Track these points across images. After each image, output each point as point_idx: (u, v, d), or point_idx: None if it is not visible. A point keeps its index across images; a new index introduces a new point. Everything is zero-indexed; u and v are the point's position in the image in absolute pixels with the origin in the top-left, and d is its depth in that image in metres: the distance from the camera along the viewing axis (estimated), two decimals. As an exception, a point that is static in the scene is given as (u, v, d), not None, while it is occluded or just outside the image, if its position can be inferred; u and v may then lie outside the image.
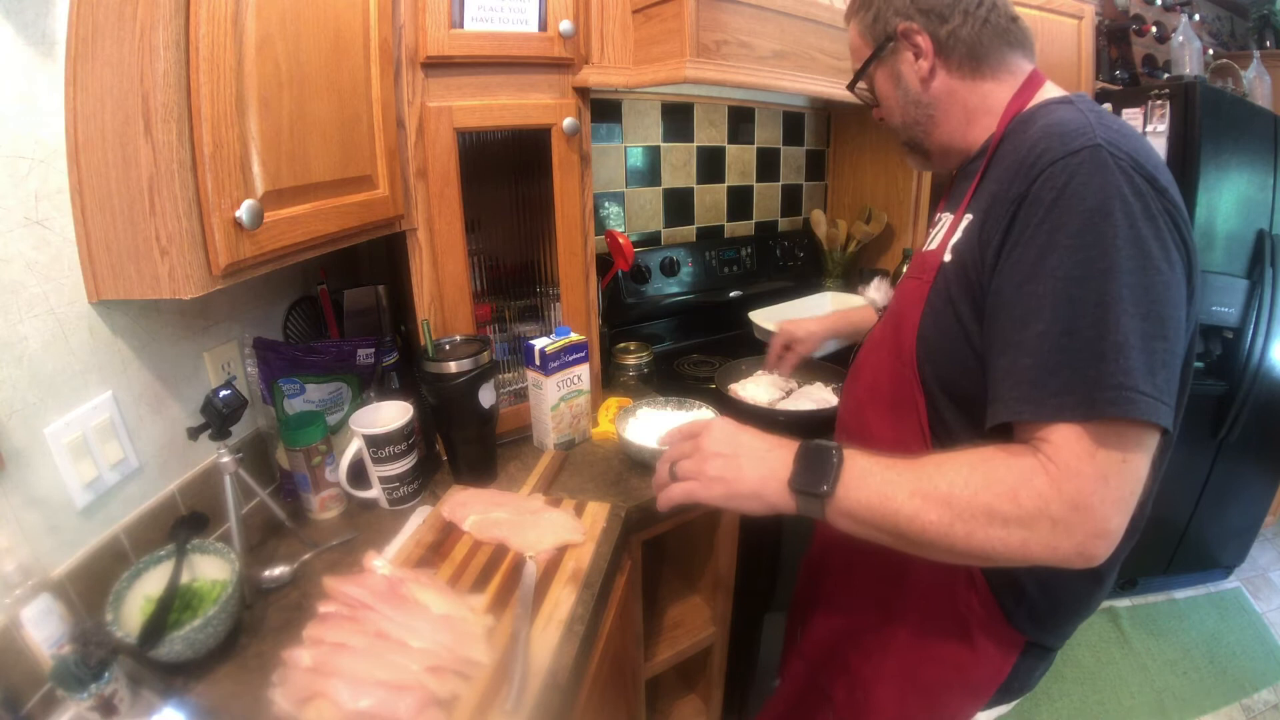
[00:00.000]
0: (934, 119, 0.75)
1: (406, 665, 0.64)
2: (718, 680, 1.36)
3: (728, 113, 1.78)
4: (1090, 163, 0.56)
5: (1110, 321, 0.53)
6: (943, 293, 0.67)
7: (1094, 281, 0.54)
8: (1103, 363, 0.52)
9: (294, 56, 0.74)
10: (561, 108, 1.05)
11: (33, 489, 0.68)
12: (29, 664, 0.62)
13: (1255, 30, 2.74)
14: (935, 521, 0.56)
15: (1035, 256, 0.57)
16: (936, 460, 0.59)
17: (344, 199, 0.85)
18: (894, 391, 0.74)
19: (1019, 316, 0.57)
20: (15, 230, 0.66)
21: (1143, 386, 0.52)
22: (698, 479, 0.66)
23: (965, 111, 0.73)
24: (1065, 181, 0.56)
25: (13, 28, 0.64)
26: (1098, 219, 0.54)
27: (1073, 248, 0.55)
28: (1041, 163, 0.58)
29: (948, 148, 0.77)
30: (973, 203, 0.67)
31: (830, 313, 1.32)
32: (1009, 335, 0.58)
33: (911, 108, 0.76)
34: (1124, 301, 0.53)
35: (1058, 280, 0.55)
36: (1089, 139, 0.57)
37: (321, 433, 0.94)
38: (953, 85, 0.73)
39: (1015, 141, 0.64)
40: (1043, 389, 0.55)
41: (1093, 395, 0.53)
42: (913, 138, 0.79)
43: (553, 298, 1.19)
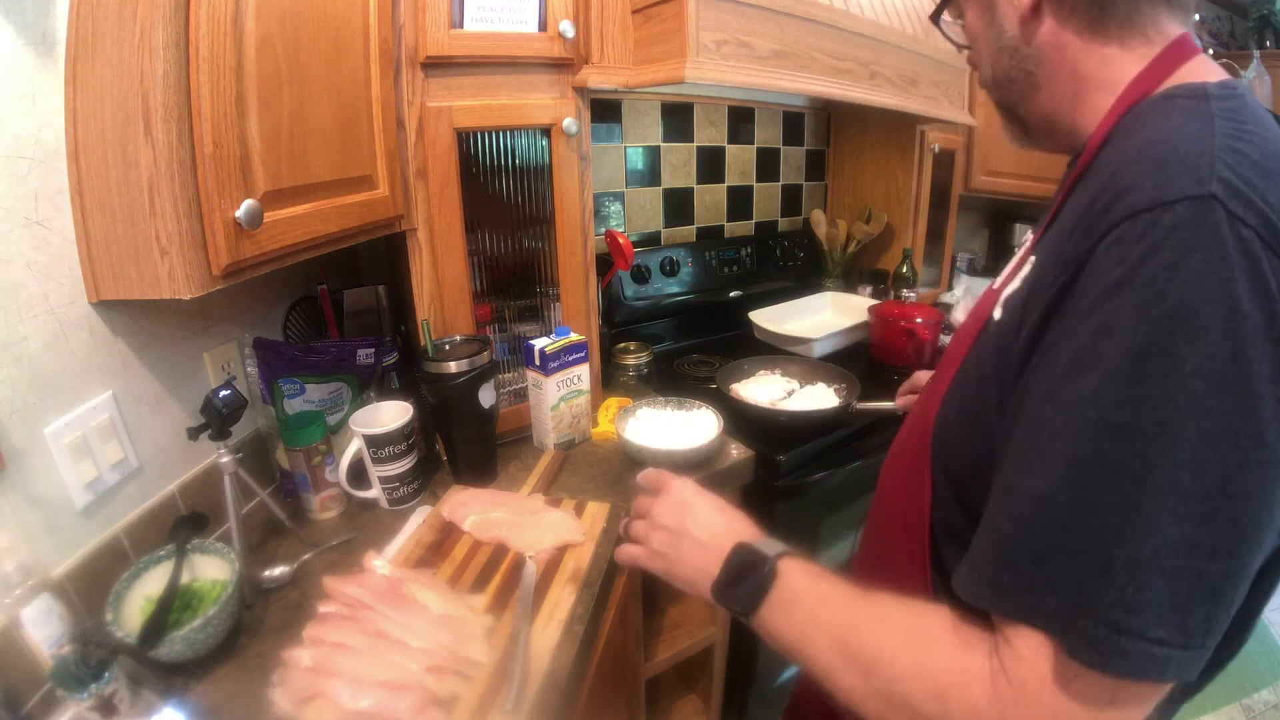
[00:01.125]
0: (1034, 79, 0.54)
1: (406, 665, 0.64)
2: (718, 680, 1.36)
3: (728, 113, 1.78)
4: (1195, 224, 0.35)
5: (1143, 516, 0.35)
6: (980, 361, 0.50)
7: (1140, 441, 0.35)
8: (1107, 578, 0.35)
9: (294, 57, 0.74)
10: (561, 108, 1.05)
11: (33, 489, 0.68)
12: (29, 664, 0.62)
13: (1255, 30, 2.74)
14: (847, 688, 0.46)
15: (1070, 367, 0.38)
16: (881, 611, 0.48)
17: (344, 199, 0.85)
18: (909, 462, 0.59)
19: (1024, 452, 0.41)
20: (15, 230, 0.66)
21: (1153, 631, 0.35)
22: (644, 546, 0.63)
23: (1075, 79, 0.51)
24: (1144, 253, 0.36)
25: (13, 28, 0.64)
26: (1178, 332, 0.34)
27: (1126, 375, 0.35)
28: (1116, 211, 0.38)
29: (1052, 123, 0.55)
30: (1045, 238, 0.48)
31: None
32: (1008, 473, 0.42)
33: (1005, 57, 0.55)
34: (1177, 487, 0.34)
35: (1089, 419, 0.37)
36: (1200, 181, 0.36)
37: (321, 433, 0.94)
38: (1064, 39, 0.50)
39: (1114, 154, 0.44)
40: (1017, 577, 0.39)
41: (1077, 620, 0.36)
42: (1006, 99, 0.58)
43: (553, 298, 1.19)
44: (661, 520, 0.62)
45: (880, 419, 1.34)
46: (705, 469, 1.09)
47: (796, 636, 0.50)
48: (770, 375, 1.43)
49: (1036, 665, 0.38)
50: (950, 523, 0.53)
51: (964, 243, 2.47)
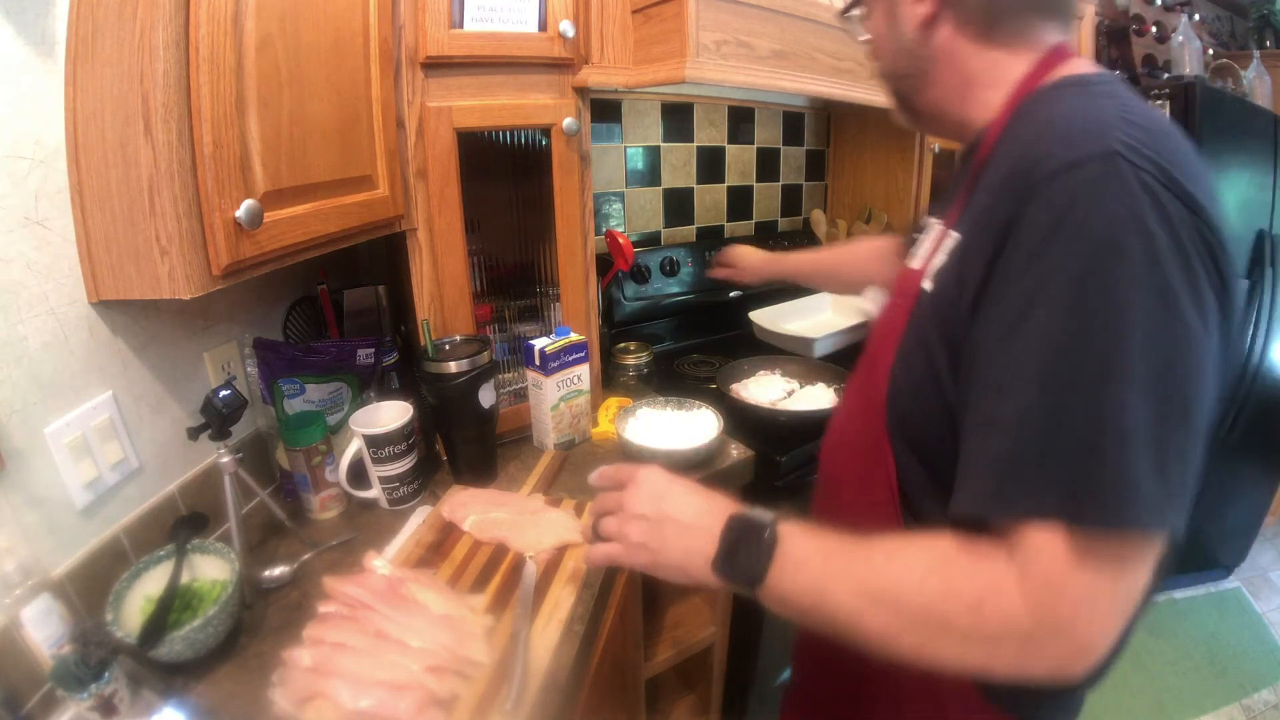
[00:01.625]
0: (927, 76, 0.61)
1: (406, 665, 0.64)
2: (718, 680, 1.36)
3: (728, 113, 1.78)
4: (1103, 178, 0.43)
5: (1114, 400, 0.41)
6: (919, 329, 0.56)
7: (1097, 344, 0.42)
8: (1097, 454, 0.41)
9: (294, 57, 0.74)
10: (561, 108, 1.05)
11: (33, 489, 0.68)
12: (29, 664, 0.62)
13: (1255, 30, 2.74)
14: (879, 629, 0.47)
15: (1022, 305, 0.44)
16: (889, 550, 0.49)
17: (344, 199, 0.85)
18: (862, 439, 0.63)
19: (998, 383, 0.46)
20: (15, 230, 0.66)
21: (1146, 485, 0.41)
22: (620, 541, 0.59)
23: (963, 78, 0.59)
24: (1067, 204, 0.43)
25: (13, 28, 0.64)
26: (1108, 258, 0.42)
27: (1071, 297, 0.42)
28: (1037, 175, 0.45)
29: (940, 113, 0.63)
30: (963, 215, 0.55)
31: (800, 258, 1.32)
32: (984, 407, 0.47)
33: (903, 56, 0.62)
34: (1134, 373, 0.41)
35: (1049, 340, 0.43)
36: (1104, 143, 0.44)
37: (321, 433, 0.94)
38: (955, 43, 0.58)
39: (1020, 134, 0.52)
40: (1018, 482, 0.44)
41: (1080, 495, 0.42)
42: (901, 90, 0.66)
43: (553, 298, 1.19)
44: (637, 510, 0.59)
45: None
46: (705, 469, 1.09)
47: (813, 593, 0.50)
48: (770, 375, 1.43)
49: (1052, 553, 0.42)
50: (916, 483, 0.58)
51: (964, 243, 2.47)
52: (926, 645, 0.46)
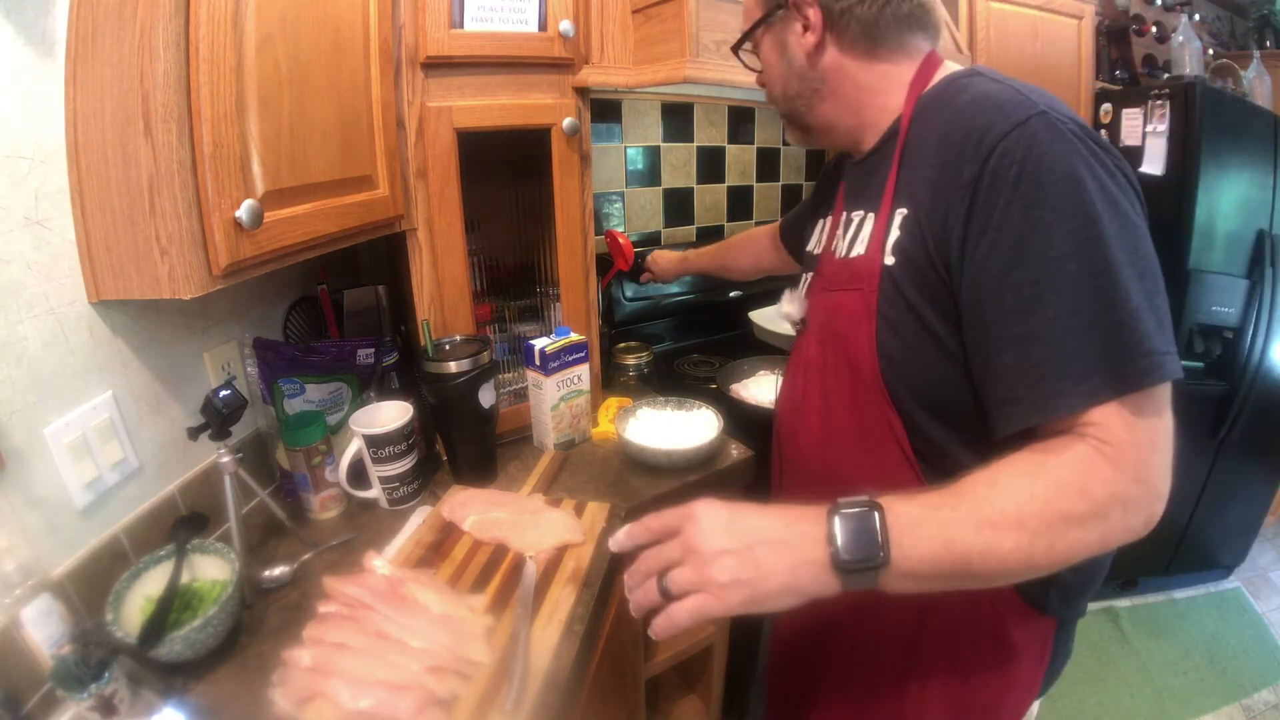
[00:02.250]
0: (819, 94, 0.70)
1: (406, 665, 0.64)
2: (718, 680, 1.36)
3: (728, 113, 1.78)
4: (1045, 130, 0.53)
5: (1117, 289, 0.51)
6: (897, 300, 0.62)
7: (1088, 252, 0.51)
8: (1123, 333, 0.51)
9: (294, 57, 0.74)
10: (561, 108, 1.05)
11: (33, 489, 0.68)
12: (29, 664, 0.62)
13: (1255, 30, 2.74)
14: (1013, 549, 0.50)
15: (1014, 239, 0.53)
16: (985, 480, 0.52)
17: (344, 199, 0.85)
18: (860, 421, 0.68)
19: (1013, 308, 0.53)
20: (15, 230, 0.66)
21: (1160, 346, 0.51)
22: (705, 589, 0.51)
23: (856, 89, 0.69)
24: (1025, 153, 0.53)
25: (13, 28, 0.64)
26: (1072, 186, 0.52)
27: (1056, 221, 0.52)
28: (990, 138, 0.54)
29: (831, 125, 0.73)
30: (899, 195, 0.63)
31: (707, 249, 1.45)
32: (1007, 330, 0.54)
33: (795, 80, 0.71)
34: (1121, 265, 0.51)
35: (1050, 260, 0.52)
36: (1032, 107, 0.54)
37: (321, 433, 0.94)
38: (843, 63, 0.68)
39: (936, 121, 0.61)
40: (1069, 378, 0.51)
41: (1123, 370, 0.50)
42: (793, 110, 0.74)
43: (553, 298, 1.19)
44: (716, 546, 0.52)
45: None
46: (705, 469, 1.09)
47: (942, 545, 0.51)
48: (770, 375, 1.43)
49: (1117, 423, 0.51)
50: (930, 439, 0.64)
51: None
52: (1057, 544, 0.50)
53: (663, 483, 1.05)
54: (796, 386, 0.79)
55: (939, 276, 0.58)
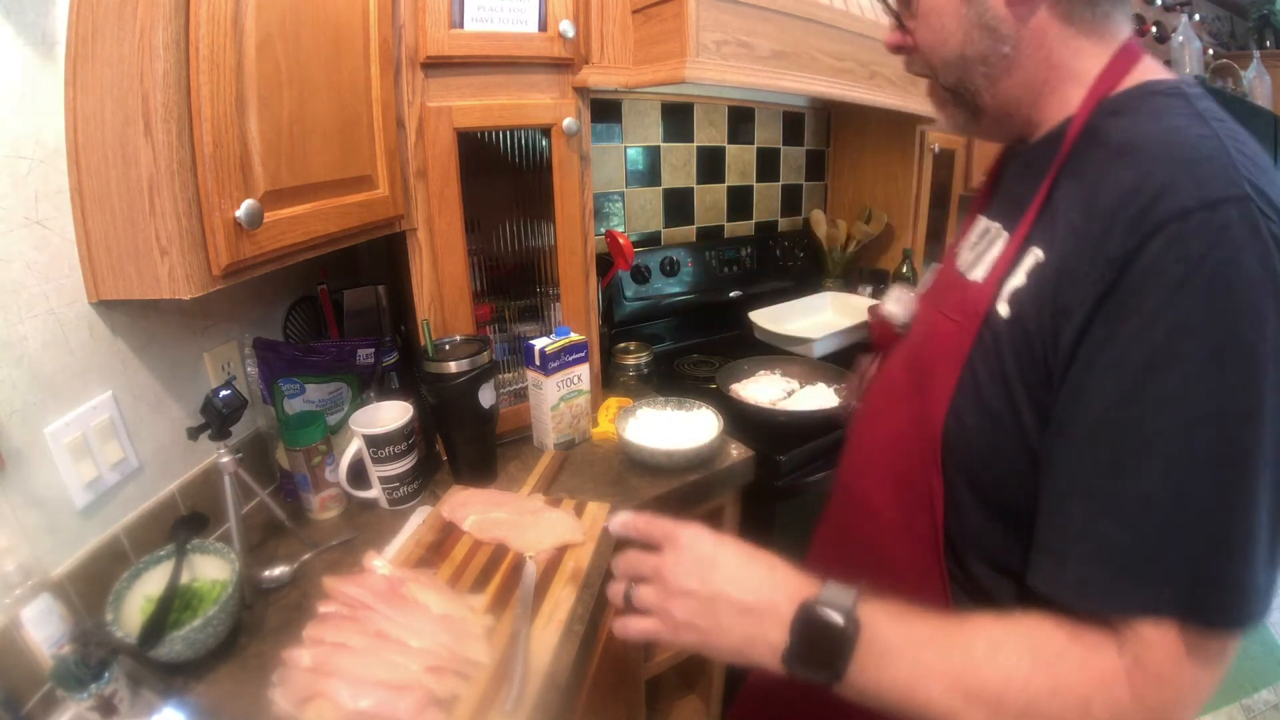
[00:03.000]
0: (1008, 62, 0.51)
1: (406, 665, 0.64)
2: (718, 680, 1.36)
3: (728, 113, 1.78)
4: (1240, 229, 0.38)
5: (1245, 495, 0.38)
6: (993, 360, 0.49)
7: (1231, 428, 0.38)
8: (1224, 553, 0.39)
9: (294, 56, 0.74)
10: (561, 108, 1.05)
11: (33, 489, 0.68)
12: (29, 664, 0.62)
13: (1255, 30, 2.74)
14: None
15: (1143, 366, 0.39)
16: (989, 638, 0.45)
17: (344, 199, 0.85)
18: (904, 467, 0.57)
19: (1107, 455, 0.41)
20: (15, 230, 0.66)
21: (1263, 586, 0.40)
22: (660, 616, 0.51)
23: (1048, 68, 0.51)
24: (1203, 254, 0.38)
25: (13, 28, 0.64)
26: (1247, 325, 0.37)
27: (1208, 369, 0.38)
28: (1161, 211, 0.39)
29: (1009, 112, 0.54)
30: (1040, 226, 0.49)
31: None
32: (1089, 476, 0.42)
33: (980, 36, 0.52)
34: (1264, 465, 0.38)
35: (1180, 414, 0.39)
36: (1236, 184, 0.39)
37: (321, 433, 0.94)
38: (1050, 25, 0.50)
39: (1108, 143, 0.46)
40: (1137, 578, 0.41)
41: (1201, 595, 0.39)
42: (966, 82, 0.54)
43: (553, 298, 1.19)
44: (682, 584, 0.50)
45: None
46: (705, 469, 1.09)
47: (902, 690, 0.45)
48: (770, 375, 1.43)
49: (1166, 647, 0.40)
50: (971, 529, 0.53)
51: (964, 243, 2.47)
52: None
53: (663, 483, 1.05)
54: (872, 398, 0.68)
55: (1045, 359, 0.45)
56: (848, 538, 0.68)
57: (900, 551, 0.58)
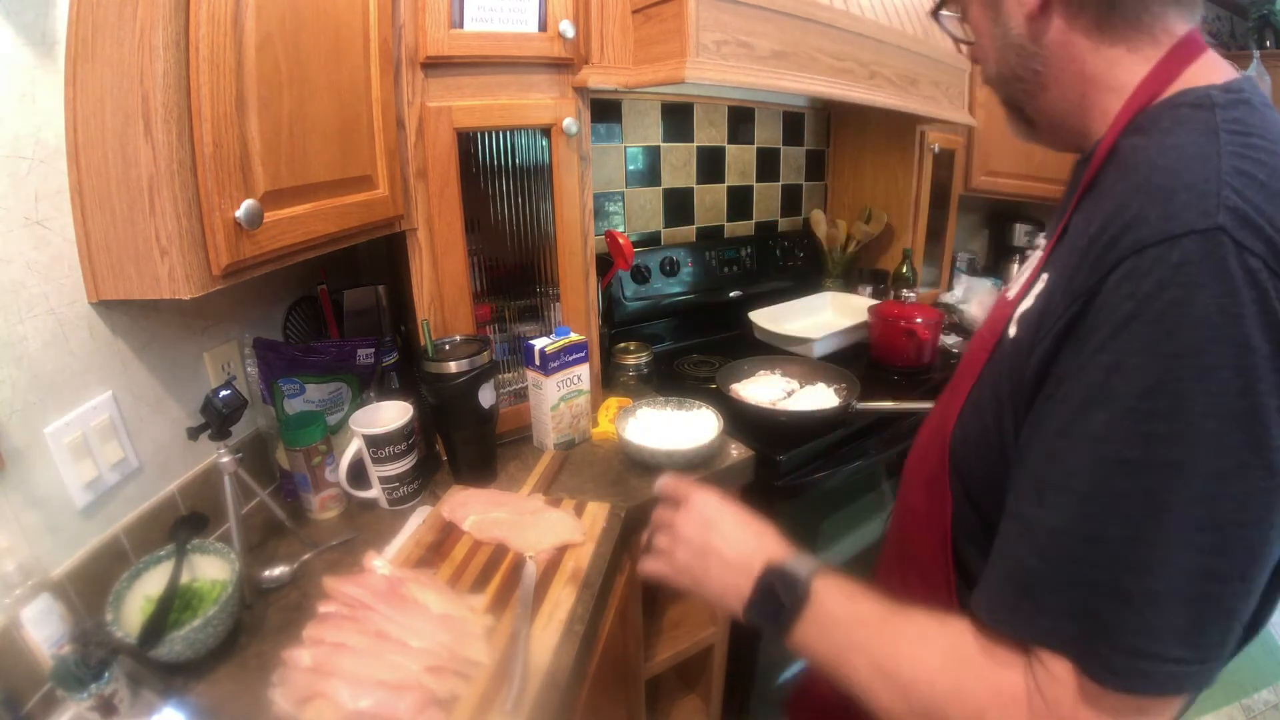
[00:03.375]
0: (1040, 78, 0.52)
1: (406, 665, 0.64)
2: (718, 680, 1.36)
3: (728, 113, 1.78)
4: (1199, 262, 0.35)
5: (1156, 550, 0.36)
6: (996, 379, 0.50)
7: (1153, 477, 0.36)
8: (1123, 606, 0.37)
9: (294, 57, 0.74)
10: (561, 108, 1.05)
11: (33, 489, 0.68)
12: (29, 664, 0.62)
13: (1255, 30, 2.74)
14: (887, 706, 0.47)
15: (1080, 403, 0.39)
16: (916, 632, 0.48)
17: (344, 199, 0.85)
18: (928, 473, 0.59)
19: (1039, 485, 0.42)
20: (15, 230, 0.66)
21: (1173, 652, 0.37)
22: (667, 562, 0.62)
23: (1082, 80, 0.50)
24: (1151, 291, 0.36)
25: (13, 28, 0.64)
26: (1187, 373, 0.35)
27: (1135, 413, 0.36)
28: (1125, 244, 0.38)
29: (1059, 123, 0.55)
30: (1058, 249, 0.49)
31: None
32: (1022, 504, 0.44)
33: (1010, 55, 0.54)
34: (1187, 524, 0.36)
35: (1100, 457, 0.38)
36: (1205, 212, 0.36)
37: (321, 433, 0.94)
38: (1072, 39, 0.49)
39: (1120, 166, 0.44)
40: (1036, 604, 0.41)
41: (1095, 645, 0.38)
42: (1013, 96, 0.57)
43: (553, 298, 1.19)
44: (685, 534, 0.61)
45: (880, 419, 1.34)
46: (705, 469, 1.09)
47: (833, 656, 0.50)
48: (770, 375, 1.43)
49: (1069, 683, 0.39)
50: (969, 528, 0.55)
51: (964, 243, 2.47)
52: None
53: (663, 483, 1.05)
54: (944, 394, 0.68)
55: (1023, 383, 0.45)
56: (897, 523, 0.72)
57: (923, 542, 0.61)
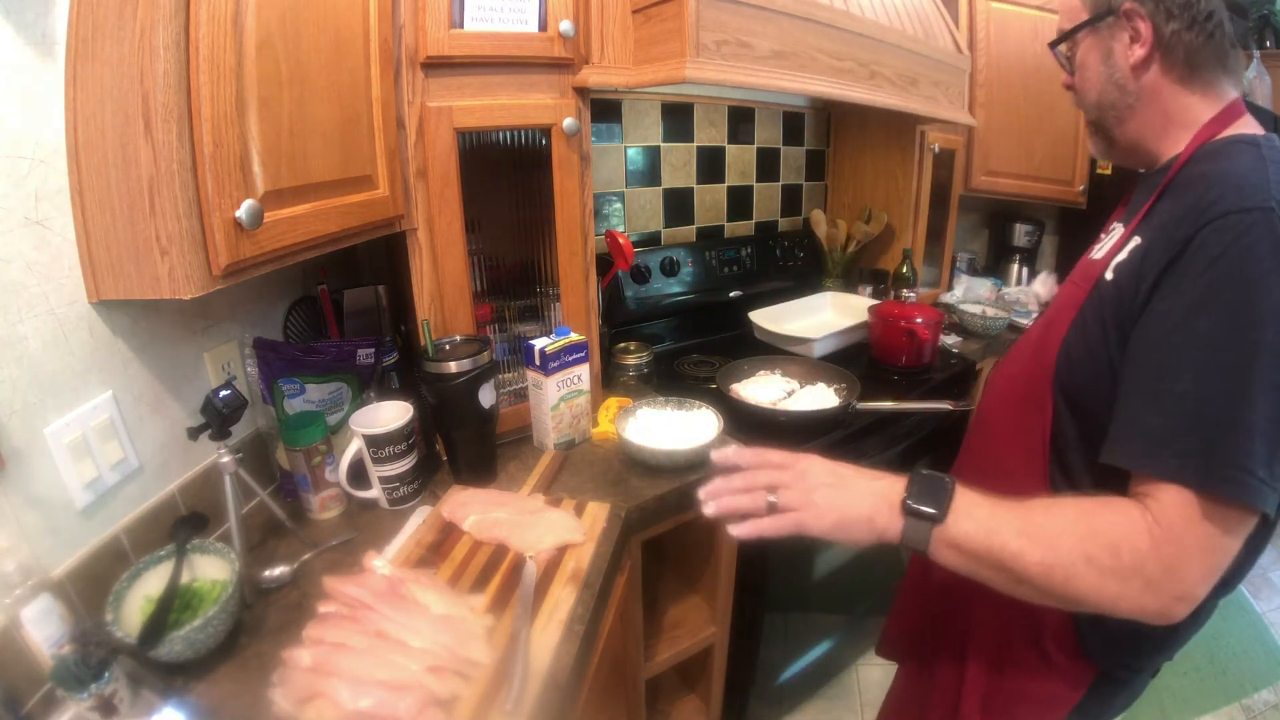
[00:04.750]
0: (1132, 110, 0.72)
1: (406, 665, 0.64)
2: (718, 680, 1.36)
3: (728, 113, 1.78)
4: (1261, 227, 0.55)
5: (1246, 400, 0.53)
6: (1096, 309, 0.68)
7: (1238, 354, 0.54)
8: (1229, 438, 0.54)
9: (294, 57, 0.74)
10: (561, 108, 1.05)
11: (33, 489, 0.68)
12: (29, 664, 0.62)
13: (1255, 30, 2.74)
14: (1037, 562, 0.58)
15: (1185, 310, 0.57)
16: (1045, 504, 0.61)
17: (344, 199, 0.85)
18: (1026, 392, 0.76)
19: (1158, 366, 0.58)
20: (15, 230, 0.66)
21: (1260, 472, 0.53)
22: (804, 509, 0.65)
23: (1164, 116, 0.71)
24: (1231, 240, 0.56)
25: (13, 28, 0.64)
26: (1255, 291, 0.54)
27: (1225, 314, 0.55)
28: (1213, 211, 0.58)
29: (1136, 145, 0.75)
30: (1143, 224, 0.67)
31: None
32: (1144, 382, 0.60)
33: (1112, 90, 0.73)
34: (1264, 382, 0.53)
35: (1203, 343, 0.56)
36: (1264, 199, 0.56)
37: (321, 433, 0.94)
38: (1161, 85, 0.70)
39: (1197, 172, 0.64)
40: (1165, 447, 0.56)
41: (1211, 467, 0.54)
42: (1103, 120, 0.76)
43: (553, 298, 1.19)
44: (822, 479, 0.67)
45: (880, 419, 1.34)
46: (705, 469, 1.09)
47: (984, 533, 0.60)
48: (770, 375, 1.43)
49: (1179, 509, 0.55)
50: (1067, 434, 0.71)
51: (964, 243, 2.47)
52: (1073, 579, 0.57)
53: (663, 483, 1.05)
54: (1010, 352, 0.88)
55: (1129, 307, 0.63)
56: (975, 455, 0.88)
57: (1016, 456, 0.76)
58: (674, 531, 1.12)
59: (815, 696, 1.69)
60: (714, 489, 0.69)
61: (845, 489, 0.66)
